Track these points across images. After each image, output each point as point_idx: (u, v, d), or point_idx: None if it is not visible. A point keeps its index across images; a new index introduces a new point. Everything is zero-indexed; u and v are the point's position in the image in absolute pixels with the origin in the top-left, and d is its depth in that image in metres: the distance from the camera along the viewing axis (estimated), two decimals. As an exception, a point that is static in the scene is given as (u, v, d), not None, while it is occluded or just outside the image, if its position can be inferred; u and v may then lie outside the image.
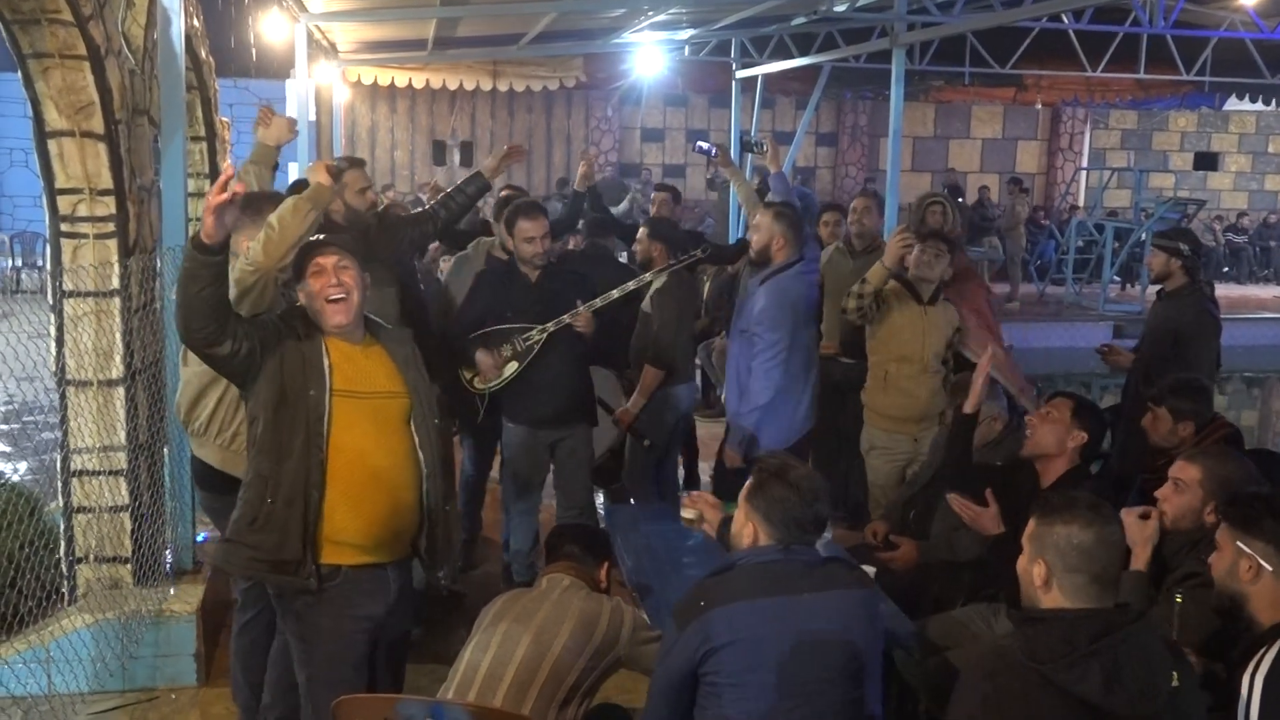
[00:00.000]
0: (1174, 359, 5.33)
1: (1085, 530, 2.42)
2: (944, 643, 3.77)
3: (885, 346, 5.27)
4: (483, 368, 4.93)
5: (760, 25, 12.10)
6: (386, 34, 11.66)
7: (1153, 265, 5.73)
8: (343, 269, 3.29)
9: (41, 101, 4.23)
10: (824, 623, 2.70)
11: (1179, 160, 23.25)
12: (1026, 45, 14.14)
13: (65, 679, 4.30)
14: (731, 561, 2.82)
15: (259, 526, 3.17)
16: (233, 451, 3.74)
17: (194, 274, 3.04)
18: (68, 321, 4.45)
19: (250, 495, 3.21)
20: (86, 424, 4.50)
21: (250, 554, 3.19)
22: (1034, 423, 3.98)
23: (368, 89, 18.38)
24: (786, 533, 2.77)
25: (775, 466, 2.87)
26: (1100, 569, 2.41)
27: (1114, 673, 2.28)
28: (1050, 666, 2.31)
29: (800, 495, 2.78)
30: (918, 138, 22.06)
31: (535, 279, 5.02)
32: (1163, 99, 18.61)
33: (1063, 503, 2.51)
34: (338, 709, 2.81)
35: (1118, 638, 2.32)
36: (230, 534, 3.26)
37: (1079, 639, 2.32)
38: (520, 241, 4.97)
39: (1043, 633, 2.38)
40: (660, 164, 21.23)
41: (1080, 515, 2.44)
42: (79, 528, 4.58)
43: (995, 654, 2.53)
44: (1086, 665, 2.28)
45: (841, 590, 2.77)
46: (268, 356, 3.16)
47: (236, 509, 3.26)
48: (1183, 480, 3.40)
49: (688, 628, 2.69)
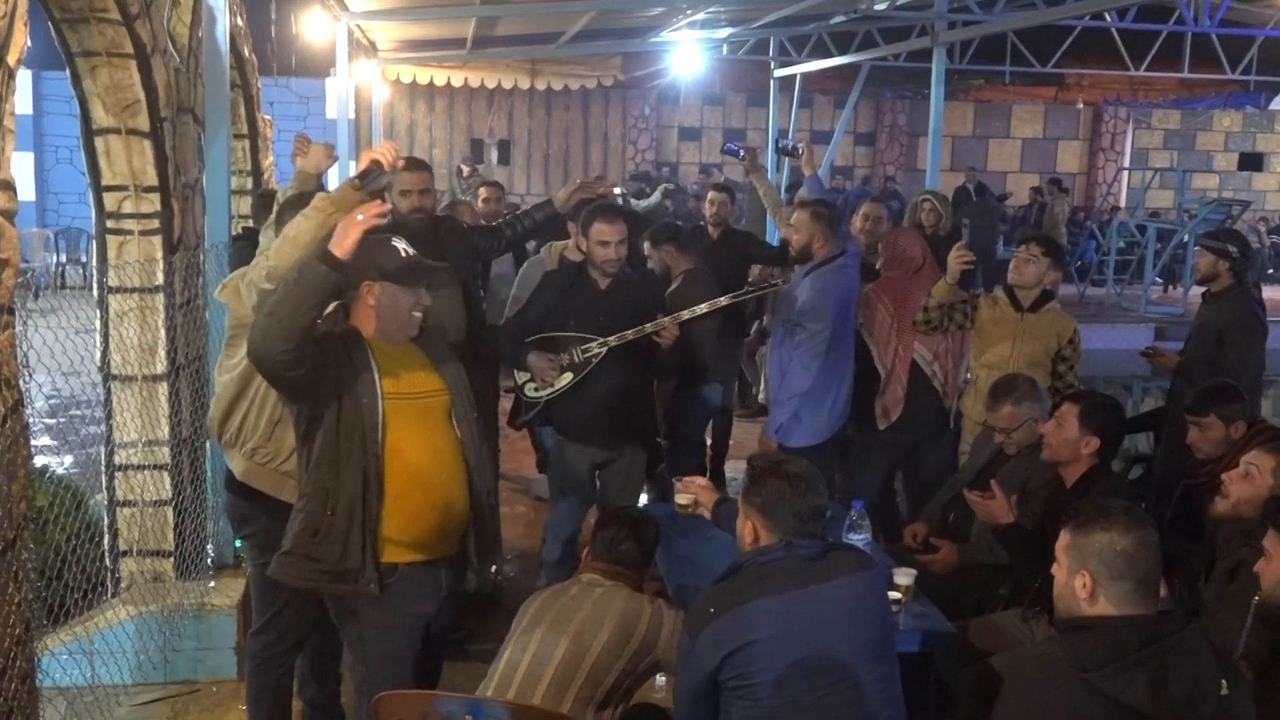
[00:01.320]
0: (1217, 361, 5.26)
1: (1125, 535, 2.38)
2: (984, 646, 3.74)
3: (979, 353, 5.22)
4: (536, 370, 4.59)
5: (799, 24, 12.06)
6: (426, 33, 11.72)
7: (1200, 266, 5.64)
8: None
9: (89, 99, 4.28)
10: (834, 611, 2.72)
11: (1223, 160, 22.95)
12: (1068, 44, 14.02)
13: (109, 670, 4.34)
14: (737, 565, 2.83)
15: (321, 538, 3.14)
16: (255, 464, 3.68)
17: (314, 287, 2.94)
18: (112, 317, 4.50)
19: (312, 507, 3.16)
20: (130, 418, 4.56)
21: (312, 566, 3.17)
22: (1049, 430, 3.96)
23: (407, 87, 18.51)
24: (785, 527, 2.77)
25: (767, 462, 2.88)
26: (1144, 574, 2.38)
27: (1161, 680, 2.25)
28: (1097, 675, 2.28)
29: (794, 487, 2.78)
30: (957, 137, 21.91)
31: (605, 286, 4.66)
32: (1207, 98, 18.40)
33: (1098, 511, 2.47)
34: (378, 705, 2.83)
35: (1165, 645, 2.29)
36: (290, 547, 3.21)
37: (1126, 647, 2.29)
38: (595, 244, 4.60)
39: (1089, 641, 2.34)
40: (697, 163, 21.21)
41: (1119, 521, 2.40)
42: (123, 521, 4.64)
43: (1040, 661, 2.50)
44: (1133, 673, 2.25)
45: (845, 578, 2.77)
46: (323, 371, 3.11)
47: (295, 521, 3.21)
48: (1257, 467, 3.38)
49: (700, 636, 2.69)
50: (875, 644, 2.77)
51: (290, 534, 3.22)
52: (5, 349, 2.91)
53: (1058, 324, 5.10)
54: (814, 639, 2.67)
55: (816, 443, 5.15)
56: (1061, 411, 3.96)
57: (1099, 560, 2.39)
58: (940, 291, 5.10)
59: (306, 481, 3.21)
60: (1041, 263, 5.06)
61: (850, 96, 14.51)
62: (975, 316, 5.17)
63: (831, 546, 2.90)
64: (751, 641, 2.63)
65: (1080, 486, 3.83)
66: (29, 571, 3.11)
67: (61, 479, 5.02)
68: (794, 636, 2.66)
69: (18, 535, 2.98)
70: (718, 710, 2.73)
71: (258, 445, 3.66)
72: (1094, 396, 4.12)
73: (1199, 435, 4.24)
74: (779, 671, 2.64)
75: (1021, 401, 4.31)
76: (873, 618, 2.80)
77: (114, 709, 4.26)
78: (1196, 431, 4.25)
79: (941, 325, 5.19)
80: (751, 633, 2.64)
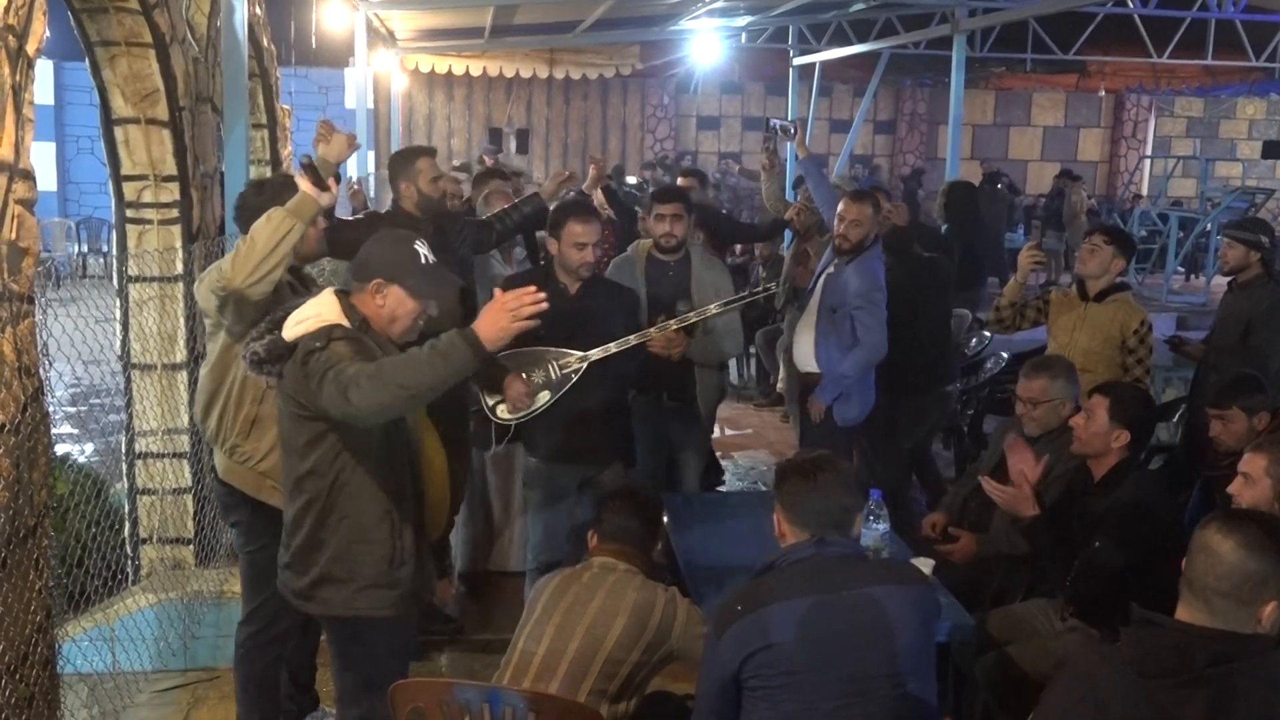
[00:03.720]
0: (1243, 351, 5.21)
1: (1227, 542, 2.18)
2: (1004, 637, 3.73)
3: (1050, 346, 5.22)
4: (512, 396, 4.01)
5: (818, 11, 12.00)
6: (444, 22, 11.72)
7: (1229, 258, 5.57)
8: None
9: (108, 89, 4.30)
10: (862, 619, 2.64)
11: (1247, 149, 22.75)
12: (1090, 31, 13.88)
13: (129, 657, 4.38)
14: (769, 563, 2.79)
15: (399, 562, 3.07)
16: (234, 463, 3.63)
17: (458, 371, 2.74)
18: (132, 306, 4.53)
19: (382, 535, 3.03)
20: (150, 407, 4.59)
21: (398, 593, 3.10)
22: (1078, 423, 3.89)
23: (425, 77, 18.53)
24: (811, 523, 2.73)
25: (795, 463, 2.83)
26: (1232, 588, 2.16)
27: (1224, 705, 2.07)
28: (1155, 684, 2.12)
29: (817, 484, 2.73)
30: (977, 125, 21.79)
31: (576, 292, 4.25)
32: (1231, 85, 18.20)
33: (1234, 517, 2.30)
34: (395, 693, 2.83)
35: (1237, 668, 2.10)
36: (374, 580, 3.04)
37: (1193, 659, 2.12)
38: (569, 246, 4.19)
39: (1156, 641, 2.18)
40: (716, 152, 21.18)
41: (1236, 532, 2.20)
42: (143, 509, 4.68)
43: (1100, 656, 2.28)
44: (1192, 692, 2.09)
45: (881, 586, 2.69)
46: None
47: (370, 555, 3.03)
48: (1251, 474, 3.32)
49: (724, 634, 2.65)
50: (906, 660, 2.66)
51: (366, 566, 3.03)
52: (26, 337, 2.93)
53: (1123, 314, 4.98)
54: (837, 647, 2.60)
55: (865, 417, 5.29)
56: (1091, 403, 3.87)
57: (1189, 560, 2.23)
58: (1011, 291, 5.21)
59: (367, 510, 3.02)
60: (1105, 251, 5.01)
61: (870, 85, 14.42)
62: (1048, 311, 5.20)
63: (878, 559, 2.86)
64: (771, 644, 2.59)
65: (1110, 480, 3.76)
66: (50, 559, 3.13)
67: (82, 467, 5.06)
68: (816, 642, 2.60)
69: (39, 523, 3.01)
70: (739, 708, 2.70)
71: (236, 444, 3.62)
72: (1124, 388, 4.04)
73: (1222, 428, 4.20)
74: (798, 677, 2.59)
75: (1057, 378, 4.25)
76: (908, 633, 2.67)
77: (134, 695, 4.29)
78: (1220, 425, 4.20)
79: (1015, 324, 5.26)
80: (772, 636, 2.60)
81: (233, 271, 3.22)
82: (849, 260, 5.17)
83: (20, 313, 2.87)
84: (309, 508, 3.02)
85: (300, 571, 3.08)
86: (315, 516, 3.02)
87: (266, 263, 3.22)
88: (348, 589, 3.04)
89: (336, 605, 3.06)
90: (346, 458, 2.99)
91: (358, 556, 3.03)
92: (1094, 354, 4.91)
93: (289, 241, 3.26)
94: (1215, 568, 2.16)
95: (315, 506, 3.01)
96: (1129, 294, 5.12)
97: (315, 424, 2.95)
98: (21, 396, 2.87)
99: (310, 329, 2.90)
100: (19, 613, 2.88)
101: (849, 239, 5.17)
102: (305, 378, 2.85)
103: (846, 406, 5.22)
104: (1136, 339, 4.95)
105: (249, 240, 3.23)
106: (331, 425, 2.94)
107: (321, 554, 3.03)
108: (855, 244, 5.17)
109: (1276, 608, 2.14)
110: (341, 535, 3.02)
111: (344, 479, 3.00)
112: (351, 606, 3.05)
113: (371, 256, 3.00)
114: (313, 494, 3.01)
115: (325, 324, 2.90)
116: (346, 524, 3.02)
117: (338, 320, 2.93)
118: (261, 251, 3.21)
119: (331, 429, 2.95)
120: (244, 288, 3.23)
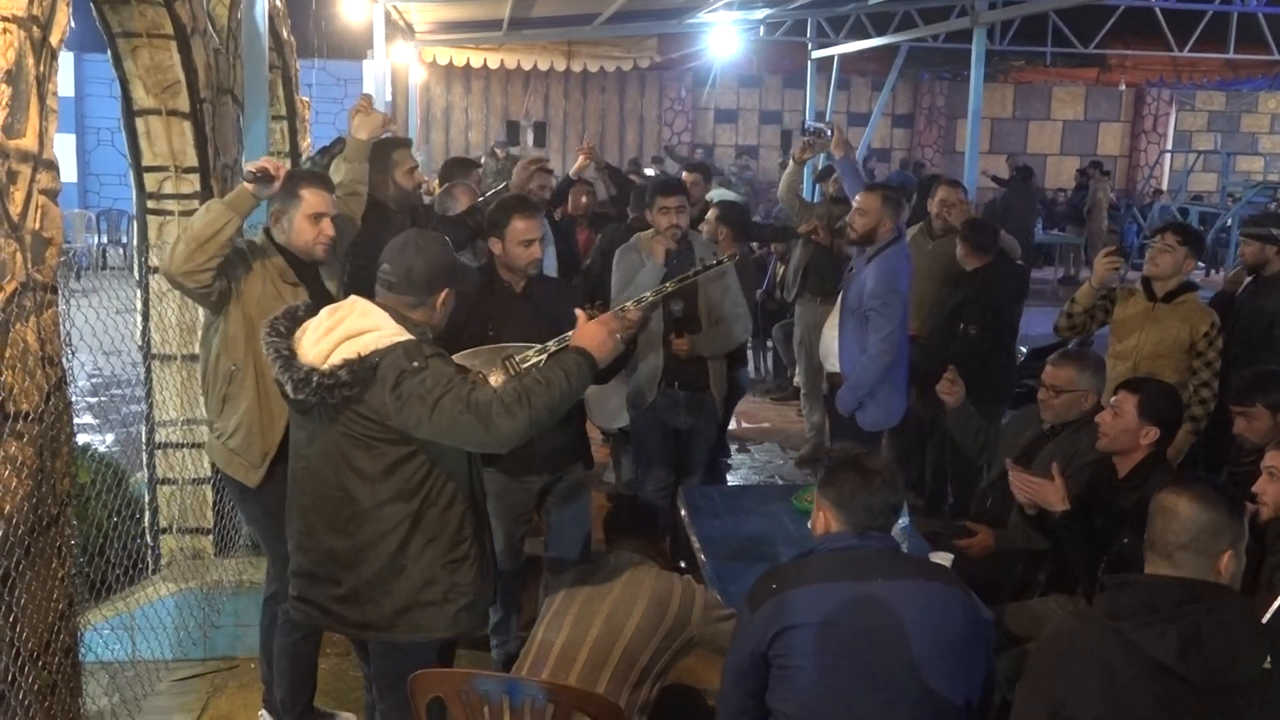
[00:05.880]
0: (1266, 346, 5.17)
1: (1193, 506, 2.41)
2: (1022, 632, 3.70)
3: (1112, 345, 5.13)
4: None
5: (837, 4, 11.97)
6: (462, 14, 11.73)
7: (1246, 256, 5.52)
8: None
9: (129, 80, 4.32)
10: (897, 612, 2.63)
11: (1268, 143, 22.58)
12: (1111, 24, 13.83)
13: (149, 646, 4.41)
14: (810, 548, 2.81)
15: (487, 575, 3.12)
16: (212, 438, 3.71)
17: (581, 390, 2.90)
18: (153, 297, 4.55)
19: (472, 552, 3.06)
20: (170, 397, 4.61)
21: (485, 605, 3.16)
22: (1105, 419, 3.84)
23: (443, 69, 18.55)
24: (858, 519, 2.74)
25: (846, 456, 2.85)
26: (1195, 541, 2.38)
27: (1192, 639, 2.26)
28: (1128, 624, 2.32)
29: (869, 482, 2.75)
30: (996, 119, 21.69)
31: (521, 290, 4.08)
32: (1253, 79, 18.10)
33: (1184, 479, 2.53)
34: (415, 683, 2.84)
35: (1203, 607, 2.30)
36: (474, 598, 3.07)
37: (1162, 603, 2.32)
38: (515, 244, 3.99)
39: (1128, 594, 2.38)
40: (733, 145, 21.12)
41: (1188, 490, 2.44)
42: (163, 499, 4.70)
43: (1077, 615, 2.54)
44: (1165, 627, 2.28)
45: (911, 580, 2.69)
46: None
47: (464, 575, 3.03)
48: (1276, 470, 3.30)
49: (760, 609, 2.68)
50: (939, 660, 2.62)
51: (449, 585, 3.02)
52: (49, 327, 2.94)
53: (1192, 315, 4.88)
54: (863, 637, 2.60)
55: (895, 424, 5.26)
56: (1118, 400, 3.79)
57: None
58: (1084, 296, 5.08)
59: (447, 525, 3.01)
60: (1178, 252, 4.90)
61: (888, 78, 14.40)
62: (1112, 311, 5.10)
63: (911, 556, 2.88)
64: (793, 625, 2.61)
65: (1135, 477, 3.72)
66: (72, 548, 3.15)
67: (103, 457, 5.08)
68: (839, 630, 2.60)
69: (61, 512, 3.02)
70: (764, 687, 2.71)
71: (212, 420, 3.69)
72: (1152, 384, 3.92)
73: (1246, 425, 4.15)
74: (817, 661, 2.60)
75: (1085, 370, 4.19)
76: (940, 631, 2.64)
77: (154, 684, 4.32)
78: (1244, 421, 4.15)
79: (1084, 328, 5.17)
80: (796, 617, 2.61)
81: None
82: (869, 258, 5.13)
83: (44, 303, 2.88)
84: (386, 536, 2.94)
85: (372, 600, 2.99)
86: (396, 542, 2.94)
87: (200, 253, 3.32)
88: (448, 610, 3.01)
89: (437, 629, 3.03)
90: (435, 477, 2.95)
91: (453, 576, 3.01)
92: (1161, 357, 4.81)
93: (225, 234, 3.35)
94: (1172, 524, 2.39)
95: (396, 532, 2.94)
96: (1196, 294, 5.00)
97: (399, 447, 2.89)
98: (45, 386, 2.89)
99: (380, 345, 2.81)
100: (42, 600, 2.89)
101: (855, 228, 5.19)
102: (398, 400, 2.77)
103: (868, 413, 5.13)
104: (1206, 342, 4.83)
105: (187, 229, 3.31)
106: (420, 445, 2.89)
107: (404, 580, 2.97)
108: (862, 234, 5.13)
109: (1233, 558, 2.38)
110: (429, 558, 2.97)
111: (433, 498, 2.96)
112: (455, 626, 3.05)
113: (429, 266, 2.95)
114: (394, 520, 2.93)
115: (395, 340, 2.83)
116: (434, 545, 2.98)
117: (400, 334, 2.85)
118: (196, 241, 3.31)
119: (420, 449, 2.90)
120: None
